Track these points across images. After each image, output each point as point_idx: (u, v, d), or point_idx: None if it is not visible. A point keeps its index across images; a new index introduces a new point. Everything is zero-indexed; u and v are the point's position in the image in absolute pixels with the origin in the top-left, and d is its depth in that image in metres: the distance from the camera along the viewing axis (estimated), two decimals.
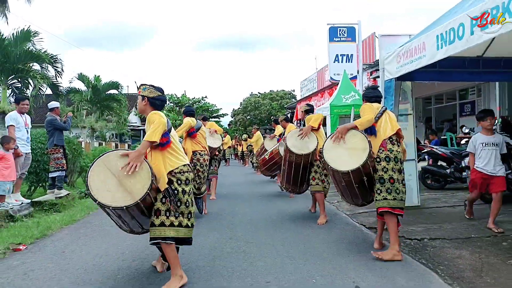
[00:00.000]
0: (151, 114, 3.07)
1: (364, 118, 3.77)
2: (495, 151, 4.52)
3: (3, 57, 10.75)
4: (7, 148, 5.87)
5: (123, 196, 2.77)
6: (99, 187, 2.78)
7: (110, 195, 2.77)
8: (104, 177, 2.80)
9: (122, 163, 2.84)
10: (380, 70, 6.02)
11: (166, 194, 2.97)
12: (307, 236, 4.47)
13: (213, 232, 4.73)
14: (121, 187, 2.79)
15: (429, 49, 4.76)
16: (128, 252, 3.96)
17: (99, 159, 2.89)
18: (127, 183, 2.80)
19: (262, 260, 3.59)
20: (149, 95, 3.18)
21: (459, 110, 14.40)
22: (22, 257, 3.95)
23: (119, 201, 2.76)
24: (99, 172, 2.82)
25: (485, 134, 4.63)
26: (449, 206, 5.86)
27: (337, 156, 3.72)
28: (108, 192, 2.78)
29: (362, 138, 3.72)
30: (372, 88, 4.40)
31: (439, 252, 3.71)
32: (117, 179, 2.81)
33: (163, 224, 2.97)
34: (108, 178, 2.80)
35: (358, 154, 3.64)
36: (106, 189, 2.78)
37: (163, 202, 2.98)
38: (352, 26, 12.98)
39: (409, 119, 6.04)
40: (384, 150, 3.72)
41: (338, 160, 3.69)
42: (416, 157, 6.09)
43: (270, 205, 6.78)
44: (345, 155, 3.69)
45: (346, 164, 3.63)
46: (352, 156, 3.66)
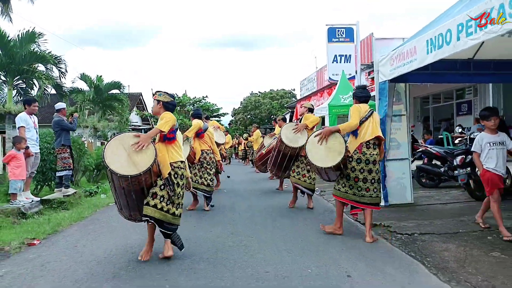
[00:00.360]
0: (164, 113, 3.78)
1: (349, 124, 4.33)
2: (502, 151, 4.29)
3: (8, 58, 10.97)
4: (19, 148, 6.14)
5: (130, 167, 3.37)
6: (111, 157, 3.38)
7: (119, 165, 3.37)
8: (116, 150, 3.42)
9: (133, 141, 3.48)
10: (374, 72, 6.27)
11: (166, 183, 3.60)
12: (304, 231, 4.73)
13: (215, 227, 4.99)
14: (130, 160, 3.41)
15: (419, 53, 5.02)
16: (136, 246, 4.21)
17: (116, 136, 3.55)
18: (134, 158, 3.43)
19: (261, 253, 3.86)
20: (164, 100, 3.87)
21: (456, 109, 14.64)
22: (37, 250, 4.22)
23: (126, 170, 3.35)
24: (113, 146, 3.44)
25: (490, 133, 4.35)
26: (441, 204, 6.12)
27: (316, 151, 4.37)
28: (118, 162, 3.38)
29: (341, 142, 4.30)
30: (362, 88, 4.79)
31: (427, 245, 3.97)
32: (127, 153, 3.44)
33: (155, 206, 3.57)
34: (120, 152, 3.43)
35: (333, 156, 4.25)
36: (117, 160, 3.39)
37: (161, 189, 3.59)
38: (350, 27, 13.20)
39: (402, 120, 6.29)
40: (359, 152, 4.28)
41: (316, 155, 4.35)
42: (410, 157, 6.35)
43: (269, 202, 7.03)
44: (323, 153, 4.32)
45: (321, 160, 4.30)
46: (328, 155, 4.29)
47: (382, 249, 3.93)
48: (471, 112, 13.80)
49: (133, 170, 3.36)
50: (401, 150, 6.21)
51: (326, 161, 4.25)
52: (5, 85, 11.76)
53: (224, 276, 3.26)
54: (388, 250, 3.91)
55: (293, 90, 45.64)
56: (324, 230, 4.60)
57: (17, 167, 5.98)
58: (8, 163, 5.98)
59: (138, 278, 3.28)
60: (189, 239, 4.43)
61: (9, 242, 4.47)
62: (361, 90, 4.70)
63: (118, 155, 3.41)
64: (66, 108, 8.02)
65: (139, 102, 32.90)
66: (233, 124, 48.57)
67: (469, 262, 3.40)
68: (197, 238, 4.50)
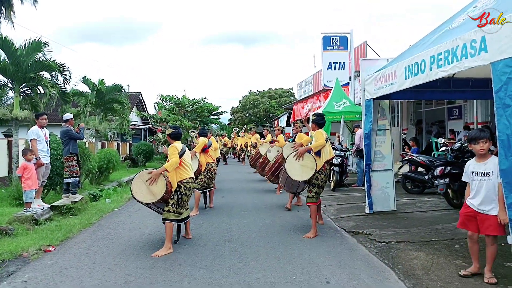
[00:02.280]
0: (171, 147, 4.91)
1: (318, 144, 5.42)
2: (485, 182, 3.52)
3: (15, 67, 11.42)
4: (27, 159, 6.64)
5: (149, 196, 4.76)
6: (136, 191, 4.77)
7: (142, 195, 4.76)
8: (139, 185, 4.79)
9: (148, 177, 4.75)
10: (361, 89, 6.77)
11: (175, 194, 4.87)
12: (293, 239, 5.25)
13: (214, 235, 5.51)
14: (149, 191, 4.76)
15: (398, 77, 5.52)
16: (143, 254, 4.72)
17: (136, 175, 4.90)
18: (152, 188, 4.76)
19: (254, 260, 4.37)
20: (168, 133, 5.15)
21: (447, 114, 15.15)
22: (53, 257, 4.73)
23: (147, 199, 4.78)
24: (136, 182, 4.81)
25: (477, 160, 3.67)
26: (421, 211, 6.64)
27: (293, 167, 5.54)
28: (141, 193, 4.77)
29: (312, 160, 5.46)
30: (321, 116, 5.89)
31: (401, 253, 4.49)
32: (146, 186, 4.77)
33: (169, 211, 4.86)
34: (141, 186, 4.78)
35: (307, 171, 5.46)
36: (140, 192, 4.77)
37: (172, 198, 4.87)
38: (345, 35, 13.72)
39: (386, 134, 6.80)
40: (323, 168, 5.49)
41: (293, 170, 5.55)
42: (393, 167, 6.86)
43: (263, 206, 7.55)
44: (298, 168, 5.50)
45: (298, 175, 5.52)
46: (303, 171, 5.49)
47: (361, 257, 4.45)
48: (461, 117, 14.33)
49: (152, 198, 4.75)
50: (385, 162, 6.72)
51: (302, 175, 5.49)
52: (12, 92, 12.23)
53: (221, 282, 3.77)
54: (366, 258, 4.43)
55: (292, 89, 46.09)
56: (308, 237, 5.26)
57: (29, 179, 6.48)
58: (22, 174, 6.47)
59: (146, 284, 3.79)
60: (189, 247, 4.95)
61: (27, 248, 4.96)
62: (320, 118, 5.78)
63: (140, 188, 4.76)
64: (73, 118, 8.50)
65: (138, 102, 33.34)
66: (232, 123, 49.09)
67: (433, 270, 3.91)
68: (197, 246, 5.01)
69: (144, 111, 31.38)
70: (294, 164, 5.51)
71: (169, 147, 4.94)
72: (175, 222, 4.93)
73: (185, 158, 4.97)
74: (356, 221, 6.11)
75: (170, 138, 5.09)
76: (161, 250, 4.71)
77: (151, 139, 27.21)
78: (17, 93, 11.79)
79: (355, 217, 6.39)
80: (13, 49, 11.48)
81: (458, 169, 6.80)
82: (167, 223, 4.84)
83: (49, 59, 12.10)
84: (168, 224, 4.83)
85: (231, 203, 8.20)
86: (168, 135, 5.14)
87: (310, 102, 19.84)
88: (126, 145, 26.80)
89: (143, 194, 4.73)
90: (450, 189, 6.79)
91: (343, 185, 9.81)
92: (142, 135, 31.65)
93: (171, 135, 5.10)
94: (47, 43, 11.98)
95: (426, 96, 7.09)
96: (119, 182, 12.07)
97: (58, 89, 12.38)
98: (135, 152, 20.08)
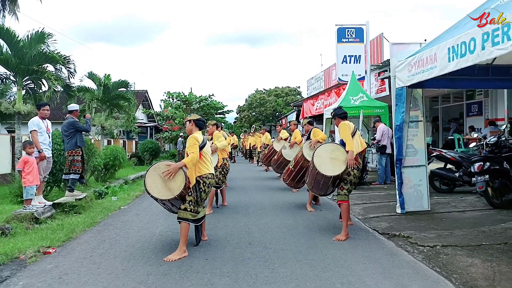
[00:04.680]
0: (191, 138, 4.28)
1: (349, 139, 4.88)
2: None
3: (18, 59, 10.94)
4: (28, 152, 6.10)
5: (166, 192, 4.11)
6: (151, 185, 4.11)
7: (157, 191, 4.11)
8: (154, 178, 4.13)
9: (165, 169, 4.12)
10: (391, 77, 6.16)
11: (193, 190, 4.25)
12: (322, 242, 4.65)
13: (232, 237, 4.93)
14: (165, 185, 4.11)
15: (440, 60, 4.91)
16: (154, 257, 4.16)
17: (152, 166, 4.22)
18: (169, 183, 4.12)
19: (282, 266, 3.79)
20: (193, 118, 4.52)
21: (466, 110, 14.47)
22: (53, 260, 4.18)
23: (163, 195, 4.11)
24: (151, 175, 4.14)
25: None
26: (458, 211, 6.02)
27: (323, 162, 4.89)
28: (156, 188, 4.11)
29: (344, 152, 4.87)
30: (338, 108, 5.40)
31: (451, 260, 3.88)
32: (162, 180, 4.12)
33: (186, 210, 4.22)
34: (157, 179, 4.13)
35: (339, 165, 4.83)
36: (155, 186, 4.11)
37: (190, 194, 4.25)
38: (360, 27, 13.05)
39: (419, 126, 6.19)
40: (356, 163, 4.88)
41: (323, 165, 4.88)
42: (427, 163, 6.24)
43: (281, 204, 6.97)
44: (329, 162, 4.88)
45: (329, 170, 4.85)
46: (334, 165, 4.85)
47: (406, 264, 3.85)
48: (482, 113, 13.63)
49: (168, 194, 4.11)
50: (418, 157, 6.11)
51: (334, 170, 4.84)
52: (14, 85, 11.75)
53: None
54: (412, 264, 3.83)
55: (298, 88, 45.46)
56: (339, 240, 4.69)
57: (29, 173, 5.94)
58: (23, 169, 5.94)
59: None
60: (206, 250, 4.37)
61: (25, 250, 4.42)
62: (341, 110, 5.29)
63: (155, 182, 4.12)
64: (79, 110, 7.96)
65: (144, 100, 32.91)
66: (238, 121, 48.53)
67: (498, 281, 3.31)
68: (215, 249, 4.44)
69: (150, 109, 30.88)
70: (324, 158, 4.90)
71: (189, 138, 4.30)
72: (191, 223, 4.30)
73: (205, 151, 4.41)
74: (389, 222, 5.51)
75: (194, 125, 4.46)
76: (174, 253, 4.15)
77: (157, 137, 26.71)
78: (20, 86, 11.30)
79: (386, 217, 5.78)
80: (15, 40, 11.00)
81: (498, 165, 6.18)
82: (183, 223, 4.24)
83: (53, 51, 11.62)
84: (184, 225, 4.24)
85: (246, 202, 7.62)
86: (193, 120, 4.48)
87: (320, 98, 19.23)
88: (132, 143, 26.38)
89: (158, 189, 4.10)
90: (489, 187, 6.16)
91: (363, 183, 9.17)
92: (148, 133, 31.23)
93: (196, 122, 4.47)
94: (51, 34, 11.50)
95: (462, 85, 6.47)
96: (126, 180, 11.54)
97: (62, 82, 11.89)
98: (141, 150, 19.60)
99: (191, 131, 4.46)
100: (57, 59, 11.40)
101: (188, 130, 4.51)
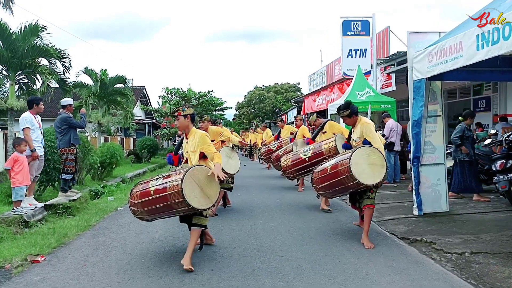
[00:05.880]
0: (204, 136, 3.89)
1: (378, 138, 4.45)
2: None
3: (10, 52, 10.47)
4: (20, 150, 5.68)
5: (205, 200, 3.63)
6: (190, 195, 3.53)
7: (197, 200, 3.57)
8: (192, 187, 3.57)
9: (204, 175, 3.65)
10: (408, 69, 5.73)
11: None
12: (338, 249, 4.23)
13: (238, 243, 4.51)
14: (203, 193, 3.62)
15: (466, 49, 4.49)
16: (153, 267, 3.75)
17: (188, 173, 3.57)
18: (206, 190, 3.65)
19: (298, 279, 3.37)
20: (189, 113, 3.97)
21: (473, 105, 14.06)
22: (41, 270, 3.76)
23: (203, 204, 3.61)
24: (188, 183, 3.54)
25: None
26: (479, 213, 5.62)
27: (362, 171, 4.22)
28: (196, 198, 3.57)
29: (380, 155, 4.32)
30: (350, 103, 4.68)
31: (486, 270, 3.48)
32: (199, 188, 3.61)
33: (202, 215, 3.76)
34: (195, 188, 3.59)
35: (379, 171, 4.27)
36: (194, 196, 3.56)
37: None
38: (366, 19, 12.63)
39: (438, 121, 5.78)
40: None
41: (363, 174, 4.21)
42: (445, 161, 5.83)
43: (288, 205, 6.56)
44: (367, 169, 4.25)
45: (369, 178, 4.22)
46: (374, 171, 4.26)
47: (436, 274, 3.44)
48: (490, 109, 13.23)
49: (207, 203, 3.65)
50: (437, 154, 5.70)
51: (375, 178, 4.25)
52: (7, 80, 11.27)
53: None
54: (443, 276, 3.42)
55: (298, 84, 44.98)
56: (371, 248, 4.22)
57: (19, 173, 5.51)
58: (12, 167, 5.51)
59: None
60: (211, 258, 3.96)
61: (11, 259, 4.01)
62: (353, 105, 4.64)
63: (194, 191, 3.57)
64: (73, 104, 7.52)
65: (142, 96, 32.40)
66: (237, 118, 48.03)
67: None
68: (221, 257, 4.02)
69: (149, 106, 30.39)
70: (362, 166, 4.23)
71: (203, 137, 3.90)
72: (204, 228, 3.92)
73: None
74: (407, 224, 5.10)
75: (190, 120, 4.01)
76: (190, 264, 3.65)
77: (155, 134, 26.24)
78: (12, 81, 10.83)
79: (403, 219, 5.38)
80: (7, 33, 10.51)
81: None
82: (197, 230, 3.79)
83: (47, 44, 11.15)
84: (198, 231, 3.80)
85: (250, 202, 7.20)
86: (190, 115, 4.00)
87: (322, 94, 18.80)
88: (130, 140, 25.89)
89: (198, 199, 3.57)
90: None
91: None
92: (146, 130, 30.76)
93: (193, 117, 4.03)
94: (45, 27, 11.02)
95: (484, 77, 6.06)
96: (123, 178, 11.12)
97: (57, 77, 11.42)
98: (139, 147, 19.14)
99: (188, 127, 4.03)
100: (51, 53, 10.92)
101: (184, 126, 4.03)
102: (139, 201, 3.83)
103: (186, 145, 4.07)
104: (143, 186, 3.92)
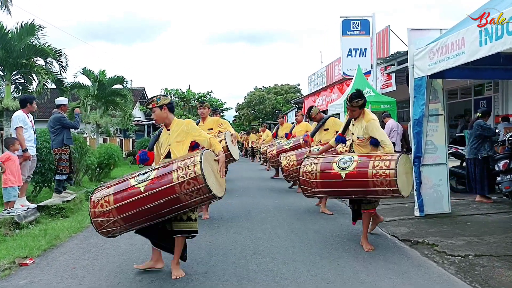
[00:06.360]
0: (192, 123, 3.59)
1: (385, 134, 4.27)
2: None
3: (6, 52, 10.40)
4: (13, 149, 5.56)
5: (221, 188, 3.35)
6: (210, 182, 3.10)
7: (215, 187, 3.19)
8: (208, 173, 3.15)
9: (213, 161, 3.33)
10: (409, 66, 5.60)
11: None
12: (337, 251, 4.09)
13: (235, 245, 4.37)
14: (217, 182, 3.31)
15: (469, 45, 4.36)
16: (144, 271, 3.60)
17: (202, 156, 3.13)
18: (219, 179, 3.37)
19: (295, 282, 3.23)
20: (165, 102, 3.53)
21: (474, 106, 13.92)
22: (29, 274, 3.62)
23: (219, 191, 3.27)
24: (206, 168, 3.11)
25: None
26: (483, 214, 5.47)
27: (403, 182, 3.89)
28: (214, 185, 3.19)
29: (411, 162, 4.26)
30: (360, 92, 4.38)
31: (490, 273, 3.34)
32: (213, 174, 3.28)
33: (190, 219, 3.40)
34: (211, 174, 3.22)
35: (410, 178, 4.19)
36: (212, 182, 3.16)
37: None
38: (366, 18, 12.51)
39: (439, 120, 5.64)
40: None
41: (403, 185, 3.90)
42: (447, 160, 5.69)
43: (285, 205, 6.41)
44: (405, 180, 3.99)
45: (406, 188, 3.98)
46: (408, 180, 4.09)
47: (439, 278, 3.30)
48: (491, 109, 13.10)
49: (221, 191, 3.34)
50: (438, 154, 5.56)
51: (409, 186, 4.15)
52: (2, 80, 11.18)
53: None
54: (445, 279, 3.28)
55: (298, 85, 44.87)
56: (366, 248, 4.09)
57: (11, 173, 5.38)
58: (3, 163, 5.37)
59: None
60: (205, 261, 3.82)
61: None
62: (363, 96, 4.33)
63: (211, 177, 3.20)
64: (68, 104, 7.39)
65: (142, 97, 32.30)
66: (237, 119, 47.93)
67: None
68: (215, 260, 3.88)
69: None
70: (402, 176, 3.87)
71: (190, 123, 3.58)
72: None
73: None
74: (408, 226, 4.96)
75: (167, 110, 3.51)
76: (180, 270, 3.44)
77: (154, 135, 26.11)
78: (8, 81, 10.76)
79: (404, 221, 5.23)
80: (3, 32, 10.44)
81: None
82: (182, 238, 3.43)
83: (43, 44, 11.06)
84: (183, 239, 3.45)
85: (248, 203, 7.05)
86: (166, 105, 3.51)
87: (322, 94, 18.69)
88: (129, 141, 25.77)
89: (214, 185, 3.18)
90: None
91: None
92: (146, 131, 30.61)
93: (170, 107, 3.54)
94: (42, 26, 10.96)
95: (486, 75, 5.92)
96: None
97: (53, 77, 11.33)
98: (138, 148, 19.00)
99: (167, 119, 3.53)
100: (47, 52, 10.85)
101: (162, 118, 3.53)
102: (112, 207, 3.13)
103: (168, 137, 3.56)
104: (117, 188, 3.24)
